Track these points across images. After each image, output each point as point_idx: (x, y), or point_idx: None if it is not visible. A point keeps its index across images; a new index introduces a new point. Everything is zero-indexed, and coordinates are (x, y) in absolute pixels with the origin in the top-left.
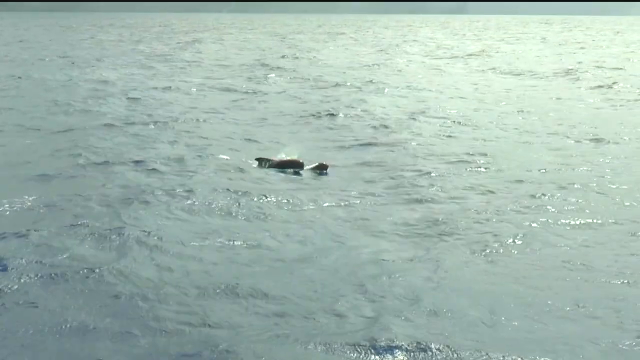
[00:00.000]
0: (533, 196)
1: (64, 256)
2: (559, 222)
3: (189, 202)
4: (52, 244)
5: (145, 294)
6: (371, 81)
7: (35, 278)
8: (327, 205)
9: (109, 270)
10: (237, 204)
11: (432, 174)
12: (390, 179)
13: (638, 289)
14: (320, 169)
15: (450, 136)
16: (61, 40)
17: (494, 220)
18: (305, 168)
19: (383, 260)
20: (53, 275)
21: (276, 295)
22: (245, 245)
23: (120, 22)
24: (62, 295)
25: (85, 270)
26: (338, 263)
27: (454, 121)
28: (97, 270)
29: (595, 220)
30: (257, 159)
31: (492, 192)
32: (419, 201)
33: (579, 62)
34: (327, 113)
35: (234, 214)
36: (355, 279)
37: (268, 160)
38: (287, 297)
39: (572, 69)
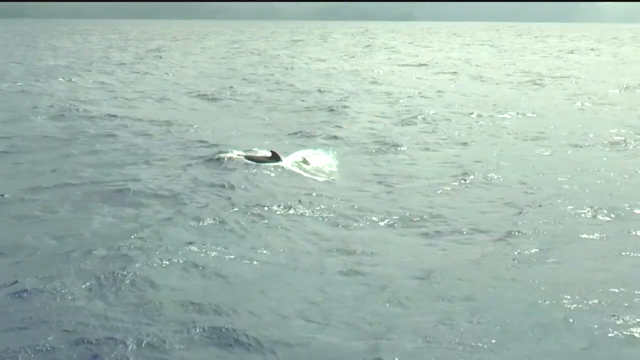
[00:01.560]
0: (513, 204)
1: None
2: (540, 233)
3: (178, 209)
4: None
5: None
6: (348, 89)
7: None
8: (317, 214)
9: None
10: (225, 212)
11: (420, 182)
12: (381, 186)
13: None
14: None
15: (438, 143)
16: (18, 48)
17: (485, 231)
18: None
19: (365, 272)
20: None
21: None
22: (231, 257)
23: (71, 29)
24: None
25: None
26: (326, 276)
27: (438, 127)
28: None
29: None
30: (271, 151)
31: (487, 201)
32: (408, 213)
33: (539, 69)
34: (312, 122)
35: (224, 223)
36: (341, 290)
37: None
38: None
39: (535, 76)
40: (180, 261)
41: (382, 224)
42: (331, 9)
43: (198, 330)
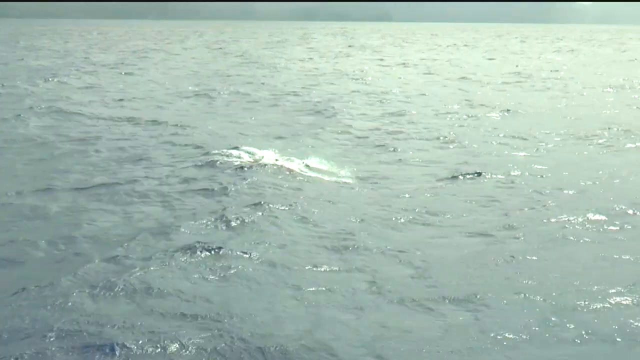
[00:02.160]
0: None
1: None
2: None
3: (170, 210)
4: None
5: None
6: (334, 89)
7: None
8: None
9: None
10: (218, 213)
11: (410, 182)
12: (372, 186)
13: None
14: None
15: (426, 143)
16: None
17: (475, 229)
18: None
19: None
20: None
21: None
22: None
23: (50, 30)
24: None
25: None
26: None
27: (425, 127)
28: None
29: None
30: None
31: (476, 200)
32: (399, 212)
33: (522, 69)
34: (300, 123)
35: (217, 224)
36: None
37: None
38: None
39: (519, 77)
40: (174, 263)
41: (374, 223)
42: (308, 10)
43: (191, 330)
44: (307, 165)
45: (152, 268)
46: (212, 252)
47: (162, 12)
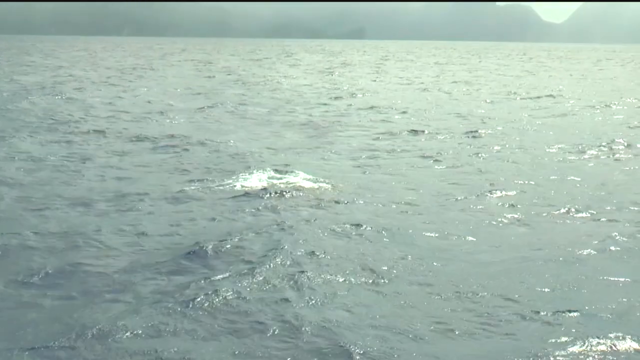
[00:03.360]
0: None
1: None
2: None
3: (177, 229)
4: None
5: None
6: (329, 105)
7: None
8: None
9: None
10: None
11: (404, 197)
12: (369, 200)
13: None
14: None
15: (419, 157)
16: None
17: (469, 243)
18: None
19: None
20: None
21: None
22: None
23: (30, 46)
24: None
25: None
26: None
27: (418, 142)
28: None
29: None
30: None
31: (471, 215)
32: (394, 226)
33: (509, 88)
34: (297, 138)
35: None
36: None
37: None
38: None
39: (508, 94)
40: (186, 281)
41: (373, 236)
42: (283, 27)
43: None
44: (305, 178)
45: (157, 297)
46: (219, 270)
47: (136, 29)
